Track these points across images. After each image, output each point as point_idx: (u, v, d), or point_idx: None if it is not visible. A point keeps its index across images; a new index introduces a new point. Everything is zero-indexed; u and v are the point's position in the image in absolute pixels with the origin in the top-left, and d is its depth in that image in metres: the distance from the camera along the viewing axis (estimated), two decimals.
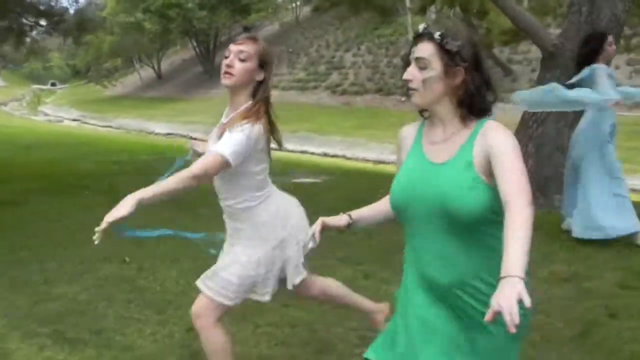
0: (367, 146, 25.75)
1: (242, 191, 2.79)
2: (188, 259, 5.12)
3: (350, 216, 2.28)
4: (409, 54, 2.03)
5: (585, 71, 5.38)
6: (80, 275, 4.87)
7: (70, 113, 43.77)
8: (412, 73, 1.99)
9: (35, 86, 75.95)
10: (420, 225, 2.00)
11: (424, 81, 1.97)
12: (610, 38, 5.47)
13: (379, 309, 3.18)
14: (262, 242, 2.83)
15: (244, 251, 2.83)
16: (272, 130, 2.81)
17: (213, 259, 2.98)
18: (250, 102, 2.77)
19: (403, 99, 31.07)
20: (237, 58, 2.75)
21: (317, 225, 2.21)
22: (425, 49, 1.97)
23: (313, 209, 2.95)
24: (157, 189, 2.48)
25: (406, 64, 2.04)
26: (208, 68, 45.01)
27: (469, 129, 1.99)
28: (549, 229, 5.87)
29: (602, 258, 5.07)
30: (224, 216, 2.94)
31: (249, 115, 2.72)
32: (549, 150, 6.89)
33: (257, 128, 2.70)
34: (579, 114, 6.08)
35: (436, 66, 1.96)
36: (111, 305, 4.30)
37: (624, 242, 5.39)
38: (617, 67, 21.34)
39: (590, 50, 5.46)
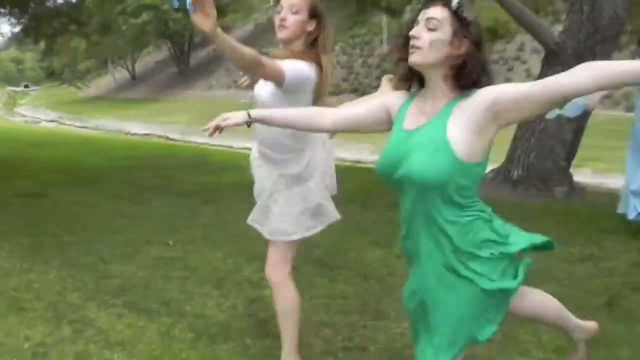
0: (345, 146, 26.12)
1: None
2: (229, 243, 5.44)
3: (249, 114, 2.30)
4: (416, 16, 2.07)
5: None
6: (131, 256, 5.14)
7: (47, 114, 43.37)
8: (419, 32, 2.02)
9: (9, 88, 75.18)
10: (400, 191, 2.11)
11: (430, 42, 2.00)
12: None
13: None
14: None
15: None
16: (321, 82, 2.86)
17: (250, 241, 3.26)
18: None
19: None
20: (290, 11, 2.87)
21: (216, 120, 2.25)
22: (439, 12, 2.02)
23: None
24: (234, 44, 2.54)
25: (409, 25, 2.07)
26: (183, 69, 45.06)
27: (447, 99, 2.04)
28: (556, 217, 6.30)
29: (615, 241, 5.49)
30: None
31: (305, 56, 2.83)
32: (550, 144, 7.33)
33: (314, 68, 2.82)
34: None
35: (446, 30, 2.00)
36: (170, 281, 4.59)
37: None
38: None
39: None
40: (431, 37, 1.99)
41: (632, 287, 4.30)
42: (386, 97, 2.24)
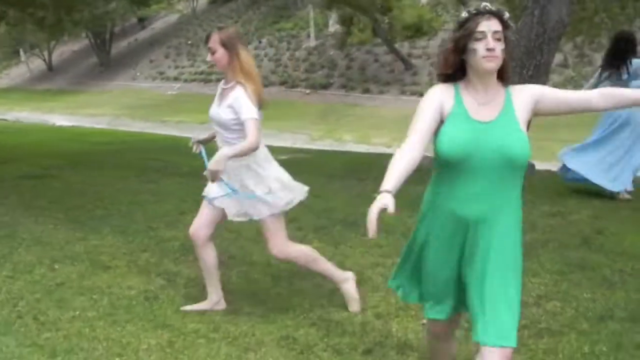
0: (280, 137, 26.96)
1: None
2: None
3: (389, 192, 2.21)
4: (473, 29, 2.34)
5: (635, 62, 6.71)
6: (174, 224, 5.86)
7: None
8: (493, 44, 2.33)
9: None
10: (472, 170, 2.38)
11: (501, 51, 2.36)
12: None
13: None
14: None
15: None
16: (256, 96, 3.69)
17: None
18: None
19: (308, 91, 32.59)
20: (210, 53, 3.71)
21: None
22: (497, 25, 2.35)
23: None
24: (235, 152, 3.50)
25: (465, 39, 2.37)
26: (104, 60, 44.41)
27: (502, 92, 2.43)
28: (529, 187, 7.47)
29: (574, 200, 6.73)
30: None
31: (242, 81, 3.65)
32: None
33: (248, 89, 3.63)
34: None
35: (502, 39, 2.37)
36: (223, 240, 5.34)
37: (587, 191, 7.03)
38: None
39: (624, 47, 6.82)
40: (500, 46, 2.35)
41: (597, 231, 5.48)
42: (434, 99, 2.45)
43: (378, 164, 7.88)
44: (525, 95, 2.42)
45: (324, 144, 20.00)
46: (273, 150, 4.02)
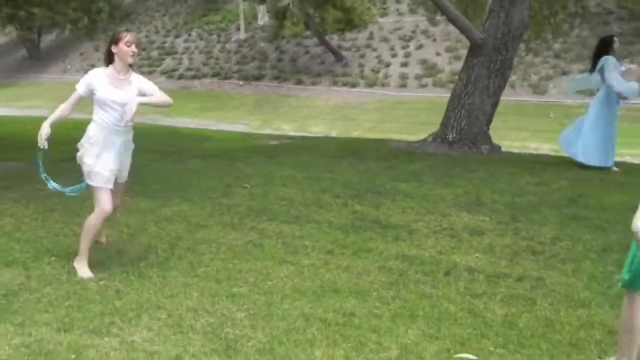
0: (218, 127, 27.80)
1: None
2: (285, 183, 7.34)
3: None
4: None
5: (601, 60, 8.09)
6: (229, 194, 6.90)
7: None
8: None
9: None
10: None
11: None
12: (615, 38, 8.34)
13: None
14: None
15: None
16: None
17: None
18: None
19: (241, 83, 33.45)
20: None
21: None
22: None
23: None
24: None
25: None
26: (33, 53, 43.63)
27: None
28: (497, 163, 8.88)
29: (550, 172, 8.18)
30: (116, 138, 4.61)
31: None
32: (476, 114, 9.91)
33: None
34: (500, 89, 9.24)
35: None
36: (277, 205, 6.45)
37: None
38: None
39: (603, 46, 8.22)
40: None
41: (579, 195, 6.93)
42: None
43: (368, 147, 9.54)
44: None
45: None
46: (260, 136, 5.10)
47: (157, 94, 4.72)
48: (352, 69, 31.29)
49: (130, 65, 4.64)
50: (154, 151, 9.56)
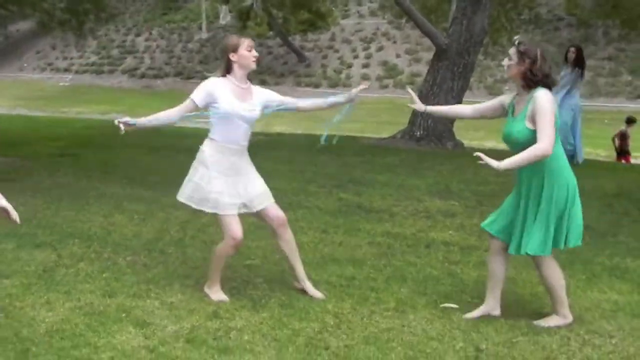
0: (185, 125, 28.26)
1: None
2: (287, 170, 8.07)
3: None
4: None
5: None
6: None
7: None
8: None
9: None
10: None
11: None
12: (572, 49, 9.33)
13: None
14: None
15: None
16: None
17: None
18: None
19: None
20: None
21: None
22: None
23: None
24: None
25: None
26: None
27: (527, 98, 3.70)
28: (467, 157, 9.75)
29: None
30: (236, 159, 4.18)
31: None
32: None
33: None
34: (463, 90, 10.16)
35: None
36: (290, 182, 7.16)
37: None
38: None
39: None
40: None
41: None
42: (499, 101, 4.04)
43: (343, 143, 10.27)
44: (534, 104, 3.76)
45: None
46: None
47: (285, 100, 4.39)
48: (314, 70, 32.03)
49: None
50: (141, 146, 10.15)
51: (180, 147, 10.57)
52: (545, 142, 3.54)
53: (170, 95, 34.15)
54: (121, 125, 4.05)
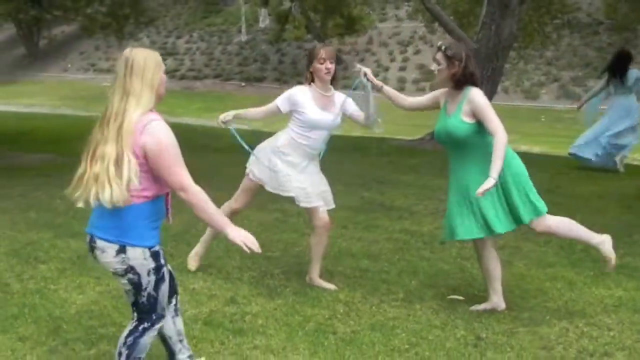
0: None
1: None
2: None
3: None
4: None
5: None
6: None
7: None
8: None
9: None
10: (448, 150, 4.06)
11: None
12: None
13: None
14: None
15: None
16: None
17: None
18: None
19: (243, 84, 34.39)
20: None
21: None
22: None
23: None
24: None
25: None
26: (32, 50, 44.33)
27: (461, 96, 3.95)
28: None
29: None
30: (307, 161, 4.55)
31: None
32: None
33: None
34: (492, 93, 10.23)
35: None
36: None
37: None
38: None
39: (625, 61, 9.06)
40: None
41: (556, 186, 7.94)
42: (436, 96, 4.21)
43: (371, 144, 10.67)
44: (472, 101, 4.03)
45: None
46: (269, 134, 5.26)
47: (354, 113, 4.47)
48: (351, 72, 32.18)
49: (333, 80, 4.36)
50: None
51: (212, 146, 10.94)
52: (501, 131, 3.79)
53: (209, 96, 34.77)
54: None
